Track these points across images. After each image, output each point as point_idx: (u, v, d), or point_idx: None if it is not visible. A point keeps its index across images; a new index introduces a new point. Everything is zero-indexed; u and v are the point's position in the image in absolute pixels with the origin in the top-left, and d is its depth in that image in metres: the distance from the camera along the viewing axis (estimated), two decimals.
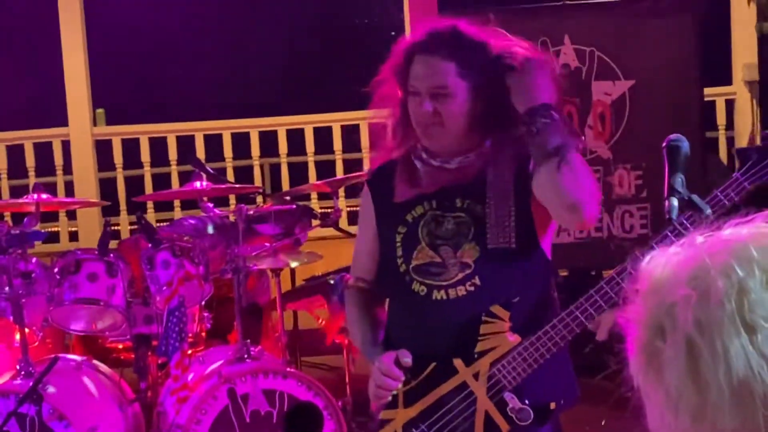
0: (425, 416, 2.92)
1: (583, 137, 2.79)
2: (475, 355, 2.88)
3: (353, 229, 4.00)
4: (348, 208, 8.25)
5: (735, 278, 1.29)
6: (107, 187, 10.14)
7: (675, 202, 2.18)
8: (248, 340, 4.96)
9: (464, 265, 2.93)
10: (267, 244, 5.50)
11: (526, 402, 2.83)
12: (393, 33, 9.20)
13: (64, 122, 10.06)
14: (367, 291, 3.19)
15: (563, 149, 2.81)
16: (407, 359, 2.90)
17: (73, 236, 9.66)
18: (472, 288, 2.92)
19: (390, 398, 2.94)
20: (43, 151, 10.23)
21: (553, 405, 2.95)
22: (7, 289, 4.78)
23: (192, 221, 5.73)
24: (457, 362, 2.89)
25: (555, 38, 6.89)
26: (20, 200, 5.50)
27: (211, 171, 5.57)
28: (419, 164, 3.04)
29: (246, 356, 4.88)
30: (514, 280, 2.94)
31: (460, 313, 2.92)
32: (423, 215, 3.01)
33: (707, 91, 7.45)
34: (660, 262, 1.38)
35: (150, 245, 5.07)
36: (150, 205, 9.15)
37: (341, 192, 6.32)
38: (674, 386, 1.30)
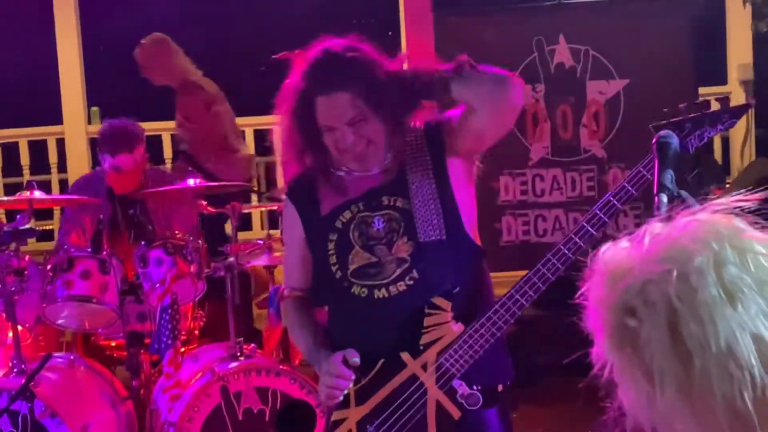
0: (378, 412, 2.97)
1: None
2: (421, 347, 2.94)
3: None
4: None
5: (711, 252, 1.36)
6: None
7: (664, 198, 2.20)
8: (241, 338, 4.97)
9: (401, 261, 2.99)
10: (260, 240, 5.50)
11: (475, 387, 2.92)
12: (390, 33, 9.20)
13: (58, 120, 10.06)
14: (304, 299, 3.24)
15: (455, 68, 2.95)
16: (355, 359, 2.96)
17: None
18: (411, 282, 2.98)
19: (341, 398, 2.98)
20: (38, 148, 10.23)
21: (500, 387, 3.08)
22: None
23: None
24: (405, 356, 2.95)
25: (550, 37, 6.90)
26: (13, 198, 5.49)
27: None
28: (343, 174, 3.09)
29: (239, 354, 4.88)
30: (450, 270, 3.00)
31: (402, 309, 2.97)
32: (352, 219, 3.06)
33: (702, 90, 7.46)
34: (618, 251, 1.46)
35: (143, 243, 5.06)
36: None
37: None
38: (656, 361, 1.36)
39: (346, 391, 2.97)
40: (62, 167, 10.05)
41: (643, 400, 1.39)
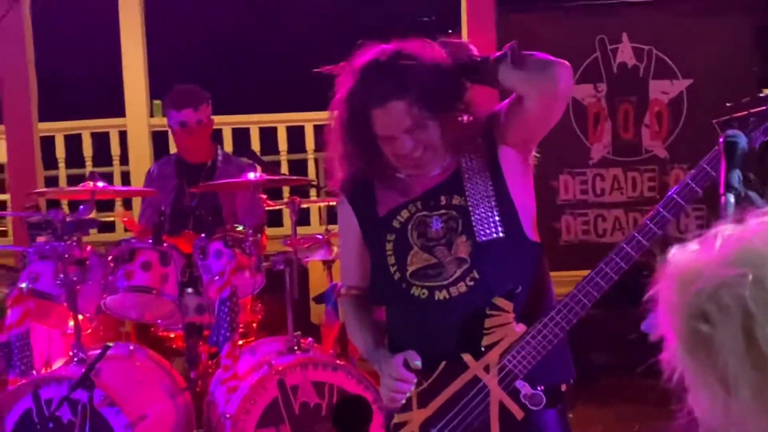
0: (441, 414, 2.94)
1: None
2: (483, 349, 2.91)
3: None
4: None
5: None
6: None
7: (731, 198, 2.15)
8: (298, 332, 4.98)
9: (461, 261, 2.96)
10: (319, 236, 5.51)
11: (538, 387, 2.89)
12: (450, 30, 9.15)
13: (121, 113, 10.15)
14: (361, 297, 3.22)
15: (502, 55, 2.91)
16: (417, 362, 2.93)
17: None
18: (472, 283, 2.95)
19: (404, 401, 2.96)
20: (101, 141, 10.33)
21: (563, 386, 3.05)
22: (62, 276, 4.82)
23: None
24: (467, 357, 2.92)
25: (613, 36, 6.85)
26: (76, 188, 5.55)
27: (266, 163, 5.60)
28: (403, 175, 3.06)
29: (296, 348, 4.89)
30: (511, 270, 2.97)
31: (463, 310, 2.95)
32: (410, 219, 3.03)
33: (766, 91, 7.36)
34: (687, 254, 1.41)
35: (203, 235, 5.09)
36: None
37: None
38: (731, 366, 1.32)
39: (408, 394, 2.95)
40: (124, 160, 10.15)
41: (717, 407, 1.35)
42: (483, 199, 2.98)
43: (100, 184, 5.17)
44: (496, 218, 2.97)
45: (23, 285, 4.91)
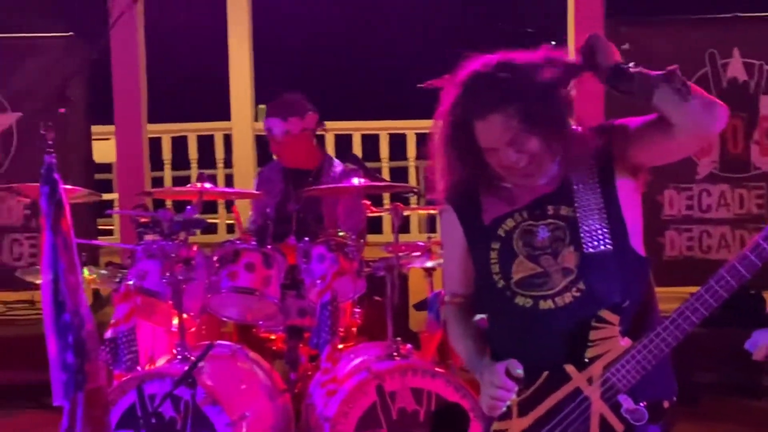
0: (540, 424, 2.91)
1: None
2: (587, 361, 2.88)
3: None
4: None
5: None
6: None
7: None
8: (398, 338, 4.99)
9: (567, 271, 2.93)
10: (421, 243, 5.52)
11: (641, 403, 2.86)
12: (554, 42, 9.05)
13: (226, 117, 10.30)
14: (464, 305, 3.21)
15: (666, 76, 2.83)
16: (519, 370, 2.91)
17: (230, 228, 9.88)
18: (578, 294, 2.92)
19: (504, 409, 2.94)
20: (206, 144, 10.49)
21: (666, 403, 2.99)
22: (168, 274, 4.89)
23: None
24: (570, 368, 2.89)
25: (723, 50, 6.76)
26: (184, 188, 5.64)
27: (369, 169, 5.62)
28: (509, 185, 3.03)
29: (396, 354, 4.89)
30: (618, 283, 2.93)
31: (568, 321, 2.92)
32: (515, 227, 3.01)
33: None
34: None
35: (306, 238, 5.13)
36: None
37: None
38: None
39: (508, 403, 2.94)
40: (228, 163, 10.29)
41: None
42: (592, 210, 2.95)
43: (208, 185, 5.25)
44: (605, 230, 2.94)
45: (131, 282, 4.99)
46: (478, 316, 3.22)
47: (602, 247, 2.93)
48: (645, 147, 2.94)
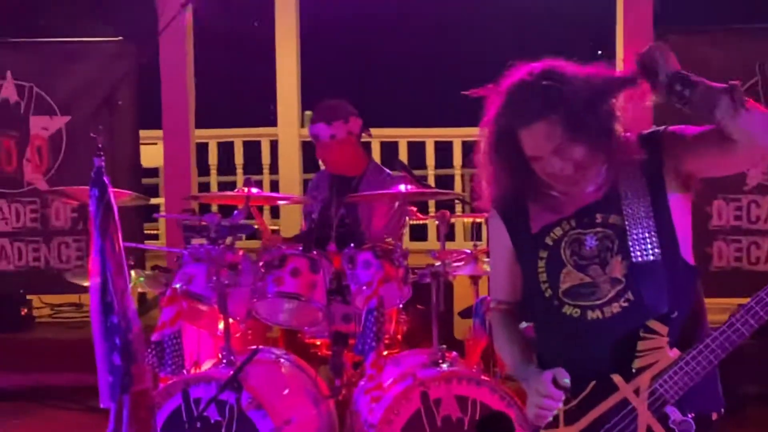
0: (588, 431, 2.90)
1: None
2: (634, 371, 2.86)
3: None
4: None
5: None
6: None
7: None
8: (443, 346, 4.97)
9: (615, 281, 2.92)
10: (467, 250, 5.51)
11: (689, 414, 2.84)
12: (600, 52, 9.06)
13: (273, 122, 10.33)
14: (510, 312, 3.20)
15: (728, 89, 2.78)
16: (566, 379, 2.90)
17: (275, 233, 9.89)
18: (626, 304, 2.90)
19: (550, 418, 2.93)
20: (252, 149, 10.53)
21: (714, 415, 2.99)
22: (214, 278, 4.91)
23: None
24: (617, 378, 2.87)
25: None
26: (232, 193, 5.65)
27: (416, 175, 5.61)
28: (556, 193, 3.00)
29: (441, 361, 4.88)
30: (666, 293, 2.90)
31: (616, 331, 2.90)
32: (563, 236, 2.99)
33: None
34: None
35: (352, 245, 5.13)
36: None
37: None
38: None
39: (555, 412, 2.93)
40: (274, 169, 10.31)
41: None
42: (641, 219, 2.93)
43: (254, 190, 5.26)
44: (654, 239, 2.91)
45: (177, 286, 5.02)
46: (524, 324, 3.21)
47: (651, 257, 2.91)
48: (701, 159, 2.91)
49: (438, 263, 5.11)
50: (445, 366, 4.85)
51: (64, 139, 7.62)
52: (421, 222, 9.47)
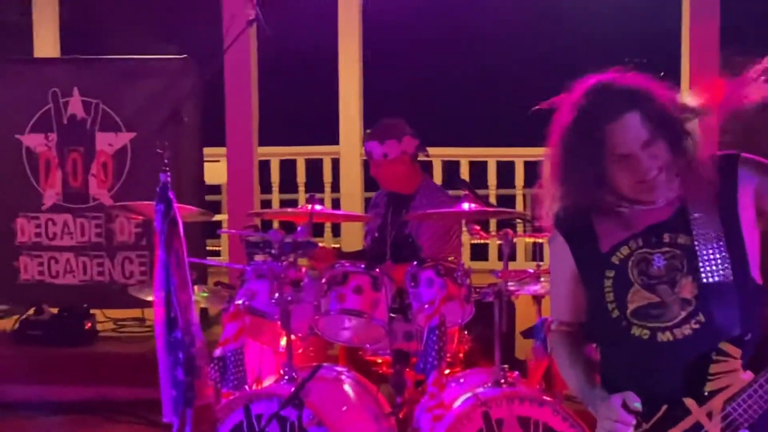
0: None
1: None
2: (706, 395, 2.81)
3: None
4: None
5: None
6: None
7: None
8: (505, 365, 4.95)
9: (685, 302, 2.87)
10: (530, 270, 5.48)
11: None
12: (662, 73, 8.94)
13: (335, 141, 10.37)
14: (573, 334, 3.15)
15: None
16: (636, 403, 2.83)
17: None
18: (697, 326, 2.85)
19: None
20: (314, 167, 10.57)
21: None
22: (277, 295, 4.93)
23: None
24: (690, 402, 2.82)
25: None
26: (295, 210, 5.67)
27: (478, 194, 5.60)
28: (624, 210, 2.96)
29: (503, 381, 4.85)
30: (738, 315, 2.86)
31: (687, 353, 2.85)
32: (630, 255, 2.94)
33: None
34: None
35: (415, 262, 5.12)
36: None
37: None
38: None
39: None
40: (336, 187, 10.34)
41: None
42: (711, 239, 2.88)
43: (318, 207, 5.28)
44: (725, 260, 2.87)
45: (240, 302, 5.05)
46: (588, 345, 3.17)
47: (722, 278, 2.86)
48: None
49: (500, 282, 5.09)
50: (507, 386, 4.82)
51: (128, 155, 7.69)
52: (483, 241, 9.46)
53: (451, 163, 10.26)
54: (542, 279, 5.55)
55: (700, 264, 2.87)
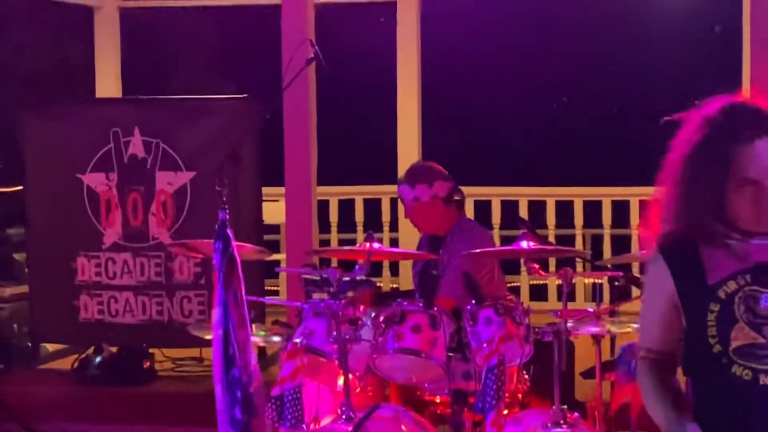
0: None
1: None
2: None
3: None
4: None
5: None
6: None
7: None
8: (565, 406, 4.91)
9: None
10: (590, 309, 5.44)
11: None
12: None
13: (393, 180, 10.38)
14: (661, 363, 3.06)
15: None
16: None
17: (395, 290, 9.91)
18: None
19: None
20: (372, 206, 10.61)
21: None
22: (335, 333, 4.93)
23: None
24: None
25: None
26: (353, 248, 5.69)
27: (537, 233, 5.59)
28: (733, 242, 2.89)
29: (562, 422, 4.81)
30: None
31: None
32: (737, 291, 2.87)
33: None
34: None
35: (474, 301, 5.11)
36: None
37: None
38: None
39: None
40: (394, 226, 10.35)
41: None
42: None
43: (376, 245, 5.28)
44: None
45: (298, 340, 5.05)
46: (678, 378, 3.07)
47: None
48: None
49: (559, 321, 5.06)
50: (566, 426, 4.79)
51: (188, 194, 7.75)
52: (542, 281, 9.43)
53: (510, 203, 10.25)
54: (602, 318, 5.50)
55: None
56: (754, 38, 7.54)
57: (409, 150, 10.01)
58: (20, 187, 8.38)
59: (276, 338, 5.50)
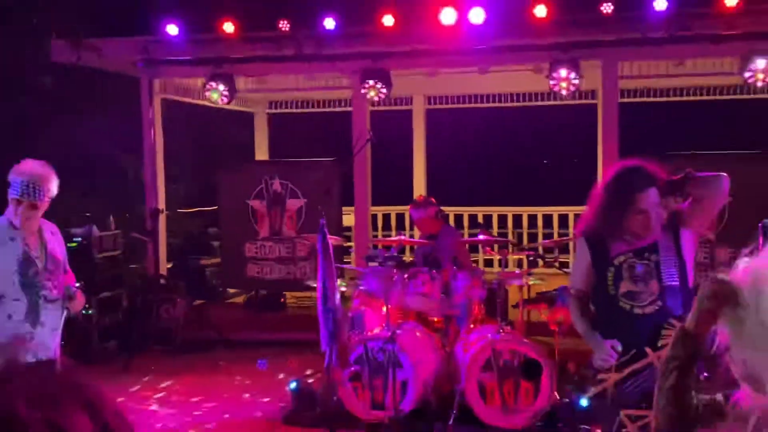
0: (627, 378, 2.72)
1: None
2: (659, 347, 2.68)
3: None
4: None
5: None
6: None
7: None
8: (504, 322, 4.88)
9: (652, 293, 2.82)
10: (516, 272, 5.39)
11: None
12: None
13: (409, 201, 10.14)
14: (583, 298, 3.01)
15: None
16: (618, 347, 2.78)
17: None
18: (657, 307, 2.81)
19: (607, 367, 2.79)
20: (401, 217, 10.37)
21: None
22: (382, 284, 4.90)
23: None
24: (648, 350, 2.66)
25: None
26: (390, 239, 5.58)
27: (488, 230, 5.51)
28: (627, 238, 2.88)
29: (502, 330, 4.77)
30: (681, 304, 2.80)
31: (650, 322, 2.78)
32: (624, 261, 2.88)
33: None
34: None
35: (455, 268, 5.05)
36: None
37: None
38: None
39: (611, 363, 2.78)
40: (412, 228, 10.14)
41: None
42: (670, 260, 2.82)
43: (402, 237, 5.25)
44: (676, 272, 2.82)
45: (362, 288, 5.08)
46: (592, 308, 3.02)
47: (674, 282, 2.81)
48: (693, 218, 2.85)
49: (500, 278, 5.02)
50: (504, 333, 4.74)
51: (304, 211, 7.81)
52: (491, 257, 9.26)
53: (473, 215, 10.10)
54: (524, 277, 5.46)
55: (662, 273, 2.82)
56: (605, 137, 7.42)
57: (419, 185, 9.90)
58: (216, 207, 8.46)
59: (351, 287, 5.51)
